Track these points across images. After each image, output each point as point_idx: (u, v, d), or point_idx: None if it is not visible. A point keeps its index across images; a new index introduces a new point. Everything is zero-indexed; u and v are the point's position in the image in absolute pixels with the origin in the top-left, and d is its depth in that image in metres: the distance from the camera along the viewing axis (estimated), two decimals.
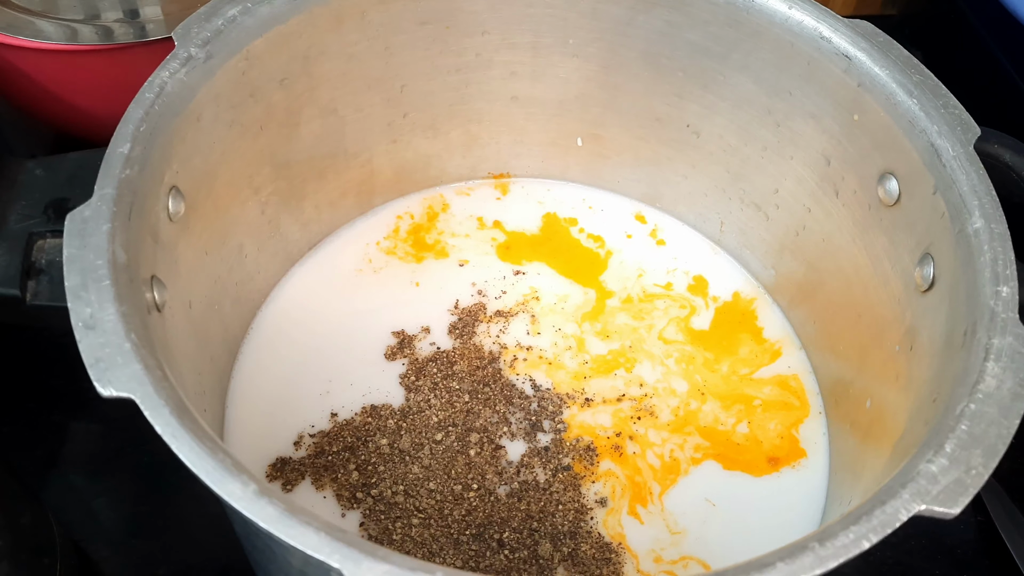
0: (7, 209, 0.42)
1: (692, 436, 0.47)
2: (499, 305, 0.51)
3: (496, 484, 0.44)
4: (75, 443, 0.50)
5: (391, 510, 0.43)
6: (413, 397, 0.47)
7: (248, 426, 0.46)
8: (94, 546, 0.47)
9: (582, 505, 0.44)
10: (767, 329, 0.52)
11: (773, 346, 0.51)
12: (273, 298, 0.50)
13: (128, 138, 0.36)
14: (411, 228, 0.54)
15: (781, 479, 0.46)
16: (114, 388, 0.30)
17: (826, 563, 0.28)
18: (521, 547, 0.42)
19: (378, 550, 0.27)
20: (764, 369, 0.50)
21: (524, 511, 0.43)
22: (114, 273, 0.32)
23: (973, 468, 0.30)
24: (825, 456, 0.47)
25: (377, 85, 0.48)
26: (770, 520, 0.45)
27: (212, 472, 0.28)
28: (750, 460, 0.46)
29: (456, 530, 0.42)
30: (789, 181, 0.49)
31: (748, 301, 0.53)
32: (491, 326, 0.50)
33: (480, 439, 0.45)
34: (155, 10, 0.52)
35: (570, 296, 0.52)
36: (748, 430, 0.47)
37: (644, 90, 0.50)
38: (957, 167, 0.38)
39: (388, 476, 0.44)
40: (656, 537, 0.44)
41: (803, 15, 0.43)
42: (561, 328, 0.50)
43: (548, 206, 0.56)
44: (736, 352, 0.50)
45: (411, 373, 0.48)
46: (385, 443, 0.45)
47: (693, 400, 0.48)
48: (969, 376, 0.33)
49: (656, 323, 0.51)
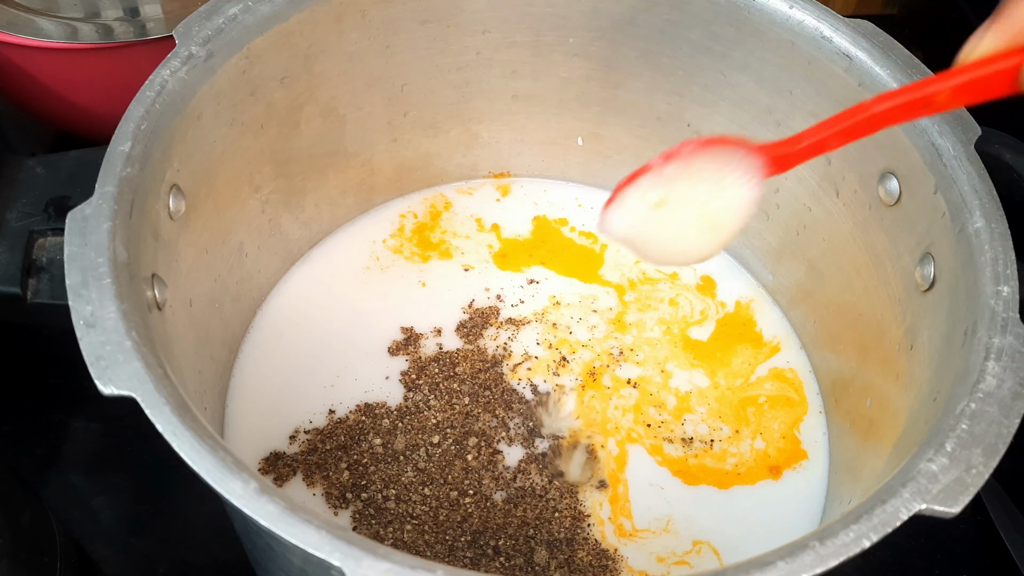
0: (8, 207, 0.41)
1: (696, 458, 0.46)
2: (497, 303, 0.51)
3: (493, 490, 0.44)
4: (75, 441, 0.50)
5: (381, 514, 0.43)
6: (412, 396, 0.47)
7: (248, 424, 0.46)
8: (94, 545, 0.47)
9: (579, 512, 0.44)
10: (767, 328, 0.52)
11: (772, 344, 0.51)
12: (273, 296, 0.50)
13: (129, 136, 0.36)
14: (416, 227, 0.54)
15: (782, 479, 0.46)
16: (115, 386, 0.30)
17: (826, 562, 0.28)
18: (517, 554, 0.42)
19: (378, 548, 0.27)
20: (761, 366, 0.50)
21: (520, 517, 0.43)
22: (115, 271, 0.32)
23: (973, 467, 0.30)
24: (825, 455, 0.47)
25: (378, 84, 0.48)
26: (771, 519, 0.45)
27: (213, 470, 0.28)
28: (752, 473, 0.46)
29: (451, 536, 0.42)
30: (789, 180, 0.49)
31: (746, 305, 0.52)
32: (495, 330, 0.50)
33: (478, 443, 0.45)
34: (155, 8, 0.52)
35: (581, 299, 0.52)
36: (751, 445, 0.47)
37: (645, 89, 0.50)
38: (958, 166, 0.38)
39: (378, 479, 0.44)
40: (654, 540, 0.44)
41: (804, 15, 0.43)
42: (571, 334, 0.50)
43: (542, 208, 0.56)
44: (734, 363, 0.50)
45: (412, 371, 0.48)
46: (379, 443, 0.45)
47: (696, 412, 0.48)
48: (969, 375, 0.33)
49: (661, 340, 0.50)
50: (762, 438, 0.47)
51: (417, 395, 0.47)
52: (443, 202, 0.56)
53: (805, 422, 0.48)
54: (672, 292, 0.52)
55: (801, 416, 0.48)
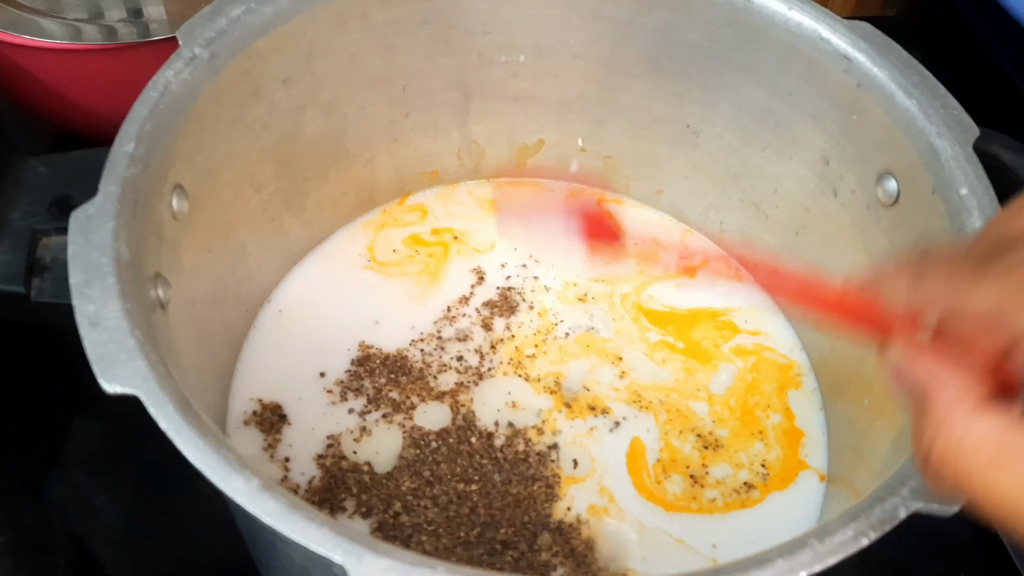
0: (11, 206, 0.42)
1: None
2: (495, 297, 0.51)
3: (493, 471, 0.44)
4: (77, 440, 0.51)
5: (399, 531, 0.43)
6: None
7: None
8: (96, 544, 0.47)
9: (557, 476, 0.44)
10: (768, 327, 0.52)
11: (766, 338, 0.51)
12: (275, 296, 0.51)
13: (132, 136, 0.36)
14: (417, 227, 0.54)
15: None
16: (118, 384, 0.30)
17: (825, 560, 0.28)
18: (520, 539, 0.42)
19: (380, 545, 0.27)
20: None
21: (515, 495, 0.43)
22: (118, 270, 0.32)
23: None
24: (824, 453, 0.47)
25: (379, 84, 0.49)
26: (770, 518, 0.45)
27: (216, 468, 0.29)
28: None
29: (464, 532, 0.42)
30: (788, 181, 0.49)
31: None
32: (494, 330, 0.50)
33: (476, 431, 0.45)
34: (159, 9, 0.52)
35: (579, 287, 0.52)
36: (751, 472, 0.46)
37: (645, 90, 0.50)
38: (956, 167, 0.38)
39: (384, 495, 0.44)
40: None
41: (803, 16, 0.43)
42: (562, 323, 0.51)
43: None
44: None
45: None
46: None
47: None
48: None
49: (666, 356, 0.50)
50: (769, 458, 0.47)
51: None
52: (444, 202, 0.56)
53: (806, 421, 0.48)
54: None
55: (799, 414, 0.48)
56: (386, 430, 0.46)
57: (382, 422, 0.46)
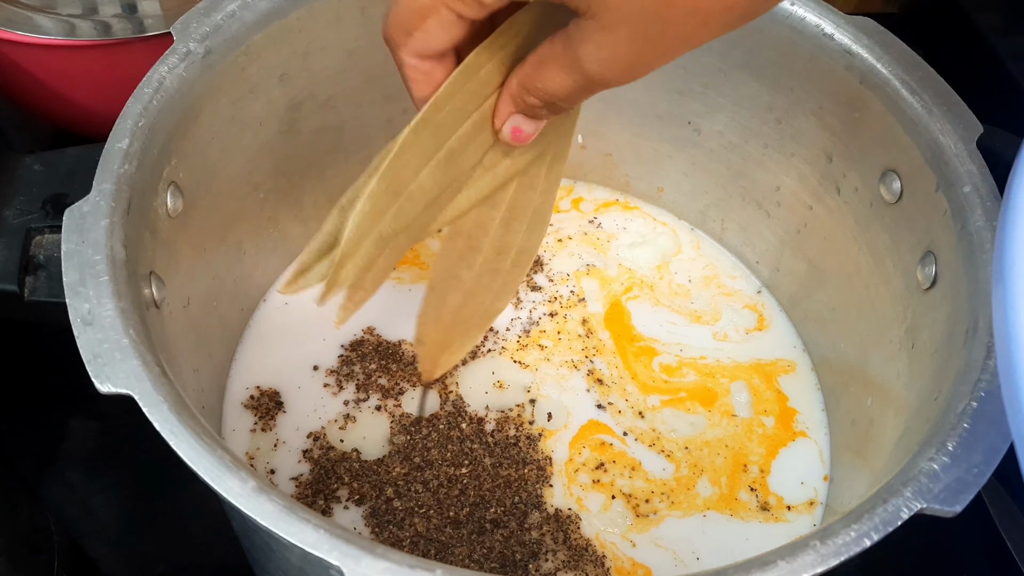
0: (5, 204, 0.41)
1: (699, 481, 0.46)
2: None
3: (483, 455, 0.44)
4: (73, 440, 0.50)
5: (392, 515, 0.43)
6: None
7: (245, 424, 0.46)
8: (92, 543, 0.47)
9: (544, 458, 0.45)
10: (767, 327, 0.51)
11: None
12: (271, 295, 0.50)
13: (127, 133, 0.36)
14: None
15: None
16: (112, 384, 0.30)
17: (827, 561, 0.28)
18: (510, 519, 0.42)
19: (377, 547, 0.27)
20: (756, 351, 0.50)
21: (504, 477, 0.43)
22: (112, 269, 0.32)
23: (975, 467, 0.30)
24: (826, 453, 0.47)
25: (376, 81, 0.48)
26: (771, 517, 0.45)
27: (211, 468, 0.28)
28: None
29: (454, 512, 0.42)
30: (790, 178, 0.48)
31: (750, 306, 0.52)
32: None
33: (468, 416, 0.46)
34: (153, 5, 0.52)
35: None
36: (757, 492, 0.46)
37: (645, 87, 0.50)
38: (959, 164, 0.38)
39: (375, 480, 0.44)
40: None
41: (805, 12, 0.43)
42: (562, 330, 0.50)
43: None
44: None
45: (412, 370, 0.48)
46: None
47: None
48: (971, 374, 0.33)
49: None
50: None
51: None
52: None
53: (805, 420, 0.48)
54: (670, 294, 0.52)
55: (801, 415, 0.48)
56: (371, 415, 0.46)
57: (367, 409, 0.46)
